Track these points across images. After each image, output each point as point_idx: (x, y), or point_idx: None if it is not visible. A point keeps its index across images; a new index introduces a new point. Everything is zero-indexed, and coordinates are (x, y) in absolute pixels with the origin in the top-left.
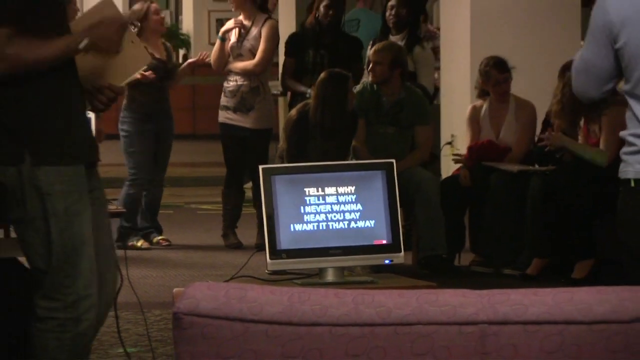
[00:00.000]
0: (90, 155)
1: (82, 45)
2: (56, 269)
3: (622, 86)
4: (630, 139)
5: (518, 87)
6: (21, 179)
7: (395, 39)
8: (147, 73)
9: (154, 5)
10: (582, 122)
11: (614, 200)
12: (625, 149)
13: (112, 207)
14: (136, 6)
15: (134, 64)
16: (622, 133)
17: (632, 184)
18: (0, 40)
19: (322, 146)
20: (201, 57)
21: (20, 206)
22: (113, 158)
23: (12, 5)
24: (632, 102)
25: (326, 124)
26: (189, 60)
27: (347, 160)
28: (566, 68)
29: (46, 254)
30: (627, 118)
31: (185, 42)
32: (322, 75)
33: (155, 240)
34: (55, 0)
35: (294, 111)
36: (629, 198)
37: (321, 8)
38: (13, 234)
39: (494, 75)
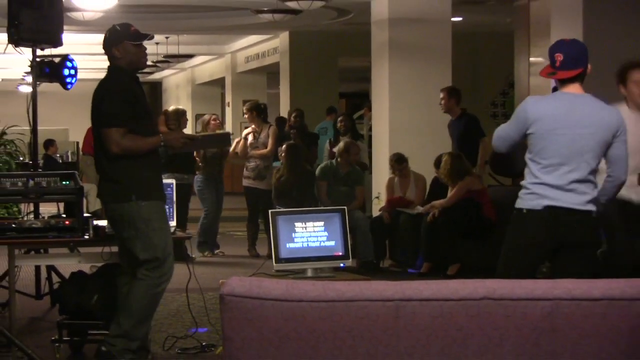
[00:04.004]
0: (165, 198)
1: (162, 144)
2: (160, 259)
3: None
4: (526, 184)
5: (417, 165)
6: (131, 211)
7: (344, 137)
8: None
9: (213, 116)
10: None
11: (474, 228)
12: (522, 191)
13: (183, 233)
14: (205, 117)
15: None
16: (522, 182)
17: (525, 212)
18: (119, 136)
19: (292, 190)
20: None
21: (132, 226)
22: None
23: (126, 116)
24: (530, 164)
25: (289, 176)
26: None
27: (308, 198)
28: (439, 159)
29: (153, 252)
30: (525, 173)
31: None
32: (285, 147)
33: (215, 252)
34: (150, 116)
35: (275, 172)
36: (519, 220)
37: (291, 118)
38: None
39: (397, 167)
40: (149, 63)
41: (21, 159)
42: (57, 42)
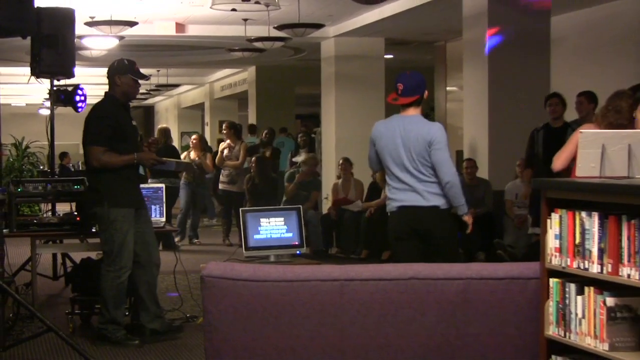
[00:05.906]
0: (137, 204)
1: (135, 161)
2: (114, 252)
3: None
4: (387, 192)
5: (357, 171)
6: (103, 213)
7: (303, 150)
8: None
9: (194, 137)
10: None
11: None
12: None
13: (171, 227)
14: (194, 137)
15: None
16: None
17: (389, 215)
18: (100, 154)
19: (262, 192)
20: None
21: (102, 223)
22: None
23: (107, 137)
24: (385, 176)
25: (259, 182)
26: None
27: (274, 198)
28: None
29: (111, 245)
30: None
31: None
32: (254, 159)
33: (195, 241)
34: (132, 135)
35: (247, 176)
36: (388, 221)
37: (263, 135)
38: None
39: (346, 165)
40: (143, 91)
41: (41, 167)
42: (70, 75)
